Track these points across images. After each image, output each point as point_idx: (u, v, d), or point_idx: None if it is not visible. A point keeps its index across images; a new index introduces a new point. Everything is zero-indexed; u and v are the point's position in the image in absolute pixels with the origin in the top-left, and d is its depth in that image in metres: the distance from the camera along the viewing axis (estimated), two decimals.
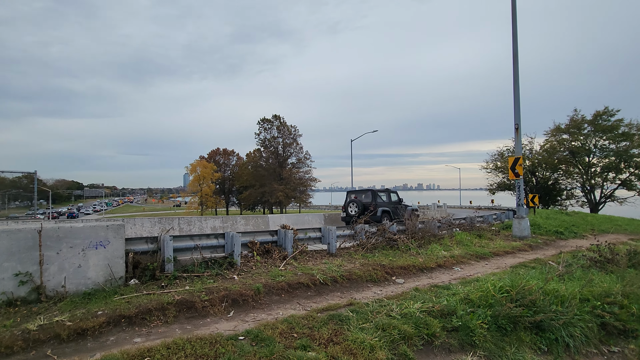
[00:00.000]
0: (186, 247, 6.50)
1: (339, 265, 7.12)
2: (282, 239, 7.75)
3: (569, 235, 13.26)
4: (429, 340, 4.00)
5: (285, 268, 6.75)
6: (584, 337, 4.53)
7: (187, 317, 4.67)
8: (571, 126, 34.70)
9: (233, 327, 4.35)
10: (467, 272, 7.66)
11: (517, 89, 12.10)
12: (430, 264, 7.83)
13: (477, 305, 4.67)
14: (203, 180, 61.44)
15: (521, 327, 4.36)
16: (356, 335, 3.90)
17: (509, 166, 12.23)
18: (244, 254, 7.20)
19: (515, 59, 12.08)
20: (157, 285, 5.44)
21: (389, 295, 5.71)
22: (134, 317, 4.40)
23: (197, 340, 3.72)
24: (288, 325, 4.23)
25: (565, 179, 35.91)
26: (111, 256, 5.29)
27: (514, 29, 12.05)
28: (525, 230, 11.97)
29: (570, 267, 7.11)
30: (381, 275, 6.86)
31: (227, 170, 71.74)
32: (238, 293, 5.25)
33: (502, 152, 37.20)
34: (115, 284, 5.26)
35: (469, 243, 10.26)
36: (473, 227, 12.70)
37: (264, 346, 3.68)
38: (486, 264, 8.57)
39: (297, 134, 60.40)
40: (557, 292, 4.95)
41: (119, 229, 5.38)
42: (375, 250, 8.80)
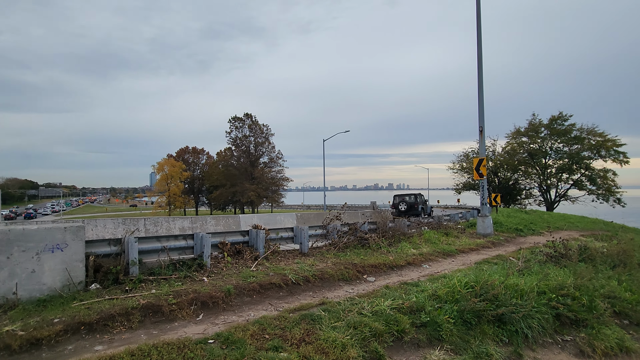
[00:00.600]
0: (153, 249, 6.25)
1: (311, 265, 7.13)
2: (253, 239, 7.65)
3: (528, 233, 14.09)
4: (399, 336, 4.10)
5: (256, 268, 6.66)
6: (541, 327, 4.83)
7: (154, 321, 4.49)
8: (530, 129, 36.91)
9: (202, 331, 4.23)
10: (435, 269, 7.92)
11: (482, 93, 12.68)
12: (400, 262, 8.02)
13: (444, 301, 4.84)
14: (171, 179, 59.35)
15: (485, 321, 4.58)
16: (328, 334, 3.92)
17: (473, 167, 12.80)
18: (214, 255, 7.04)
19: (480, 65, 12.66)
20: (121, 290, 5.18)
21: (361, 293, 5.79)
22: (95, 323, 4.16)
23: (163, 346, 3.59)
24: (259, 326, 4.17)
25: (525, 179, 38.17)
26: (69, 260, 4.97)
27: (478, 37, 12.62)
28: (489, 228, 12.58)
29: (529, 262, 7.56)
30: (353, 274, 6.94)
31: (197, 169, 69.76)
32: (208, 295, 5.12)
33: (467, 154, 38.86)
34: (74, 289, 4.95)
35: (436, 241, 10.62)
36: (441, 225, 13.17)
37: (235, 349, 3.61)
38: (453, 260, 8.91)
39: (269, 133, 59.87)
40: (517, 286, 5.24)
41: (79, 231, 5.08)
42: (347, 249, 8.89)
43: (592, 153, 33.94)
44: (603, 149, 33.23)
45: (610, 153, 33.19)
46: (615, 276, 6.87)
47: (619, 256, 8.05)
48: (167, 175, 59.26)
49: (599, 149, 33.41)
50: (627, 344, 5.01)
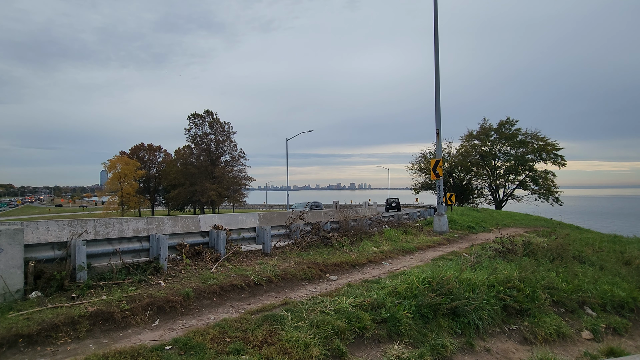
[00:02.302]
0: (103, 252, 5.85)
1: (273, 265, 7.06)
2: (214, 240, 7.42)
3: (479, 230, 15.03)
4: (361, 333, 4.19)
5: (217, 270, 6.47)
6: (490, 318, 5.18)
7: (104, 329, 4.21)
8: (481, 133, 39.42)
9: (159, 337, 4.03)
10: (395, 266, 8.19)
11: (438, 98, 13.32)
12: (361, 260, 8.20)
13: (403, 297, 5.03)
14: (124, 177, 55.79)
15: (440, 314, 4.82)
16: (291, 334, 3.91)
17: (430, 168, 13.41)
18: (172, 258, 6.74)
19: (437, 70, 13.29)
20: (67, 297, 4.79)
21: (323, 292, 5.84)
22: (35, 335, 3.81)
23: (115, 355, 3.37)
24: (220, 329, 4.06)
25: (477, 179, 40.74)
26: (5, 266, 4.51)
27: (435, 43, 13.23)
28: (444, 226, 13.25)
29: (480, 257, 8.06)
30: (316, 273, 6.97)
31: (153, 167, 66.27)
32: (164, 299, 4.89)
33: (425, 155, 40.64)
34: (10, 298, 4.50)
35: (396, 239, 10.99)
36: (400, 224, 13.64)
37: (194, 354, 3.49)
38: (411, 257, 9.27)
39: (231, 131, 58.37)
40: (470, 280, 5.57)
41: (16, 234, 4.62)
42: (310, 248, 8.92)
43: (535, 156, 37.05)
44: (544, 152, 36.40)
45: (550, 156, 36.44)
46: (554, 268, 7.53)
47: (557, 250, 8.83)
48: (120, 173, 55.65)
49: (540, 152, 36.53)
50: (563, 329, 5.52)
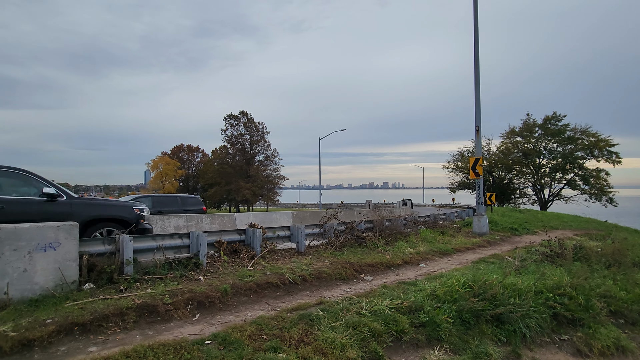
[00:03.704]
0: (148, 248, 6.15)
1: (308, 264, 7.08)
2: (250, 238, 7.58)
3: (523, 232, 14.18)
4: (398, 336, 4.07)
5: (253, 268, 6.60)
6: (539, 327, 4.84)
7: (149, 322, 4.41)
8: (524, 129, 37.21)
9: (199, 331, 4.16)
10: (431, 268, 7.92)
11: (478, 92, 12.70)
12: (397, 261, 8.01)
13: (442, 301, 4.83)
14: (165, 177, 58.90)
15: (483, 320, 4.57)
16: (327, 334, 3.88)
17: (469, 166, 12.84)
18: (210, 254, 6.95)
19: (477, 63, 12.67)
20: (115, 289, 5.09)
21: (358, 292, 5.76)
22: (88, 324, 4.07)
23: (159, 347, 3.52)
24: (257, 326, 4.12)
25: (519, 178, 38.49)
26: (62, 259, 4.87)
27: (475, 35, 12.63)
28: (484, 227, 12.63)
29: (525, 261, 7.59)
30: (350, 273, 6.90)
31: (192, 167, 69.33)
32: (204, 295, 5.05)
33: (462, 153, 39.06)
34: (67, 289, 4.85)
35: (433, 240, 10.64)
36: (437, 224, 13.19)
37: (232, 350, 3.55)
38: (449, 260, 8.93)
39: (265, 131, 59.64)
40: (515, 285, 5.24)
41: (72, 229, 4.97)
42: (344, 248, 8.86)
43: (586, 153, 34.33)
44: (596, 149, 33.62)
45: (603, 153, 33.58)
46: (611, 275, 6.92)
47: (614, 255, 8.11)
48: (162, 173, 58.82)
49: (592, 149, 33.79)
50: (623, 343, 5.04)
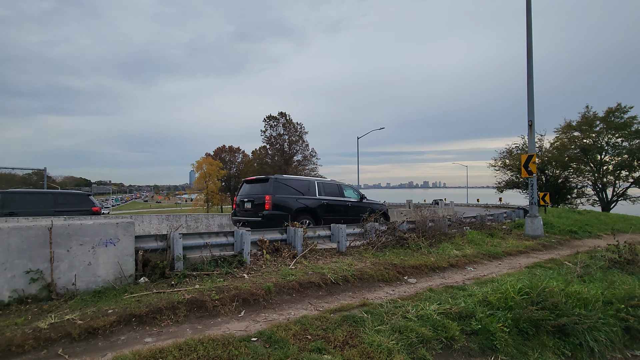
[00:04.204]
0: (195, 245, 6.42)
1: (349, 264, 7.00)
2: (291, 237, 7.65)
3: (584, 235, 12.97)
4: (448, 343, 3.86)
5: (295, 267, 6.64)
6: (609, 341, 4.36)
7: (198, 316, 4.59)
8: (582, 123, 34.12)
9: (245, 328, 4.25)
10: (480, 272, 7.49)
11: (531, 85, 11.81)
12: (442, 264, 7.67)
13: (496, 308, 4.52)
14: (209, 177, 61.64)
15: (543, 331, 4.20)
16: (372, 337, 3.78)
17: (521, 164, 11.98)
18: (253, 253, 7.11)
19: (530, 53, 11.78)
20: (167, 284, 5.36)
21: (403, 295, 5.58)
22: (144, 316, 4.32)
23: (209, 342, 3.63)
24: (301, 326, 4.12)
25: (576, 177, 35.36)
26: (121, 254, 5.22)
27: (528, 23, 11.75)
28: (539, 230, 11.73)
29: (589, 268, 6.91)
30: (393, 275, 6.72)
31: (233, 167, 71.96)
32: (249, 292, 5.15)
33: (510, 150, 36.75)
34: (125, 282, 5.19)
35: (480, 242, 10.07)
36: (484, 225, 12.48)
37: (278, 348, 3.57)
38: (499, 263, 8.39)
39: (303, 131, 60.31)
40: (580, 294, 4.77)
41: (129, 227, 5.31)
42: (385, 249, 8.66)
43: None
44: None
45: None
46: None
47: None
48: (206, 173, 61.62)
49: None
50: None
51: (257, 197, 9.23)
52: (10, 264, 4.48)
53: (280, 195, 9.17)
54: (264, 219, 8.85)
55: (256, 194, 9.35)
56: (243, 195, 9.83)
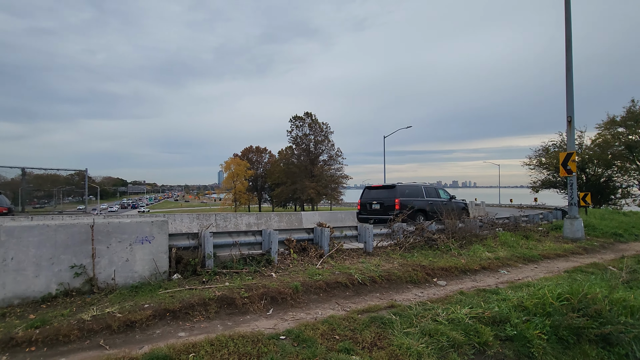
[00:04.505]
0: (225, 244, 6.59)
1: (376, 265, 6.92)
2: (318, 236, 7.67)
3: (630, 238, 12.09)
4: (481, 349, 3.73)
5: (322, 266, 6.66)
6: None
7: (228, 313, 4.70)
8: (628, 118, 31.80)
9: (273, 326, 4.31)
10: (514, 275, 7.17)
11: (571, 78, 11.15)
12: (473, 266, 7.42)
13: (532, 314, 4.31)
14: (237, 177, 63.07)
15: (585, 340, 3.96)
16: (401, 340, 3.71)
17: (559, 162, 11.35)
18: (281, 252, 7.20)
19: (569, 44, 11.12)
20: (199, 281, 5.54)
21: (432, 298, 5.45)
22: (177, 311, 4.49)
23: (239, 338, 3.71)
24: (329, 326, 4.12)
25: (621, 176, 33.00)
26: (156, 251, 5.45)
27: (567, 11, 11.09)
28: (579, 232, 11.06)
29: (636, 273, 6.45)
30: (421, 277, 6.58)
31: (260, 167, 73.22)
32: (276, 291, 5.22)
33: (547, 147, 34.92)
34: (159, 278, 5.42)
35: (514, 244, 9.65)
36: (518, 227, 11.93)
37: (306, 347, 3.59)
38: (535, 267, 8.00)
39: (329, 131, 60.36)
40: (626, 301, 4.45)
41: (163, 225, 5.54)
42: (413, 249, 8.49)
43: None
44: None
45: None
46: None
47: None
48: (233, 173, 63.10)
49: None
50: None
51: (386, 200, 11.45)
52: (57, 259, 4.80)
53: (404, 198, 11.38)
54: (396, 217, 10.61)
55: (385, 197, 11.56)
56: (369, 198, 12.11)
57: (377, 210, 11.52)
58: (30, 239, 4.65)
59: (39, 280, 4.67)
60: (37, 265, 4.67)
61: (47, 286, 4.72)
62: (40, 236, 4.71)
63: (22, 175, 14.53)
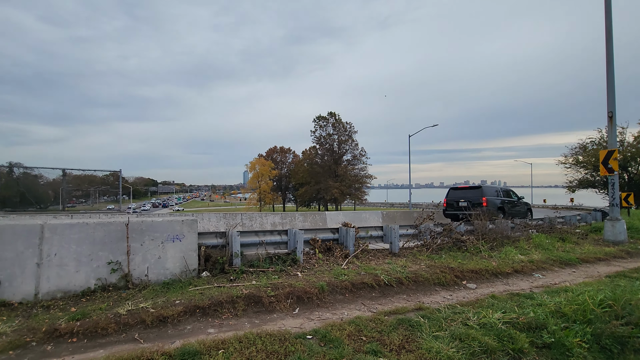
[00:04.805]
0: (251, 243, 6.70)
1: (403, 266, 6.80)
2: (343, 236, 7.64)
3: None
4: (516, 356, 3.57)
5: (347, 267, 6.62)
6: None
7: (255, 311, 4.77)
8: None
9: (299, 325, 4.33)
10: (550, 279, 6.83)
11: (611, 72, 10.47)
12: (505, 269, 7.13)
13: (572, 320, 4.08)
14: (261, 177, 64.02)
15: (630, 350, 3.70)
16: (430, 343, 3.62)
17: (599, 160, 10.70)
18: (306, 251, 7.23)
19: (609, 37, 10.45)
20: (226, 279, 5.66)
21: (462, 301, 5.28)
22: (207, 308, 4.60)
23: (266, 336, 3.75)
24: (355, 327, 4.08)
25: None
26: (186, 249, 5.63)
27: (607, 2, 10.43)
28: (621, 234, 10.38)
29: None
30: (450, 279, 6.40)
31: (284, 167, 73.97)
32: (302, 290, 5.24)
33: (584, 145, 33.02)
34: (189, 275, 5.59)
35: (550, 247, 9.19)
36: (553, 228, 11.36)
37: (333, 347, 3.58)
38: (573, 271, 7.58)
39: (353, 130, 60.04)
40: None
41: (193, 224, 5.70)
42: (441, 251, 8.28)
43: None
44: None
45: None
46: None
47: None
48: (258, 173, 64.10)
49: None
50: None
51: (473, 198, 13.06)
52: (95, 255, 5.06)
53: (488, 197, 12.91)
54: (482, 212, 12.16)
55: (472, 196, 13.17)
56: (455, 197, 13.78)
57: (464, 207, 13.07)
58: (72, 236, 4.93)
59: (79, 275, 4.94)
60: (77, 261, 4.94)
61: (87, 281, 4.98)
62: (80, 233, 4.98)
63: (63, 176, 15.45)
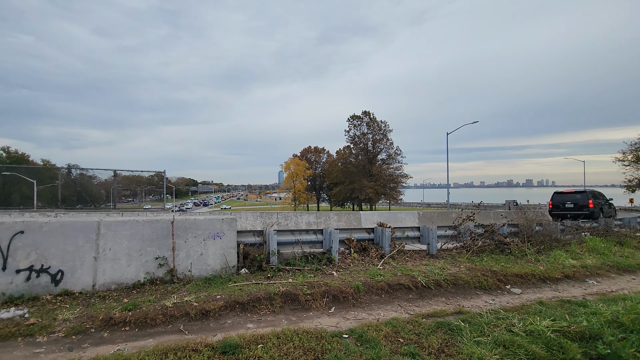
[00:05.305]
0: (287, 241, 6.82)
1: (441, 268, 6.60)
2: (379, 237, 7.56)
3: None
4: None
5: (383, 267, 6.55)
6: None
7: (292, 308, 4.87)
8: None
9: (335, 324, 4.35)
10: (605, 286, 6.31)
11: None
12: (554, 274, 6.68)
13: (630, 330, 3.75)
14: (296, 177, 64.83)
15: None
16: (471, 349, 3.49)
17: None
18: (341, 251, 7.24)
19: None
20: (264, 276, 5.82)
21: (505, 306, 5.03)
22: (246, 303, 4.77)
23: (303, 333, 3.82)
24: (392, 328, 4.04)
25: None
26: (226, 247, 5.86)
27: None
28: None
29: None
30: (492, 283, 6.11)
31: (318, 167, 74.36)
32: (338, 289, 5.26)
33: None
34: (229, 271, 5.81)
35: (605, 251, 8.48)
36: (610, 232, 10.46)
37: (370, 348, 3.56)
38: (633, 278, 6.94)
39: (387, 129, 59.05)
40: None
41: (232, 222, 5.92)
42: (482, 253, 7.93)
43: None
44: None
45: None
46: None
47: None
48: (293, 173, 64.99)
49: None
50: None
51: (579, 200, 15.15)
52: (144, 251, 5.41)
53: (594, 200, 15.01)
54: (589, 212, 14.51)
55: (578, 199, 15.22)
56: (560, 200, 15.84)
57: (570, 208, 15.02)
58: (124, 233, 5.31)
59: (130, 269, 5.31)
60: (128, 256, 5.31)
61: (137, 274, 5.35)
62: (131, 230, 5.36)
63: (114, 177, 16.67)
